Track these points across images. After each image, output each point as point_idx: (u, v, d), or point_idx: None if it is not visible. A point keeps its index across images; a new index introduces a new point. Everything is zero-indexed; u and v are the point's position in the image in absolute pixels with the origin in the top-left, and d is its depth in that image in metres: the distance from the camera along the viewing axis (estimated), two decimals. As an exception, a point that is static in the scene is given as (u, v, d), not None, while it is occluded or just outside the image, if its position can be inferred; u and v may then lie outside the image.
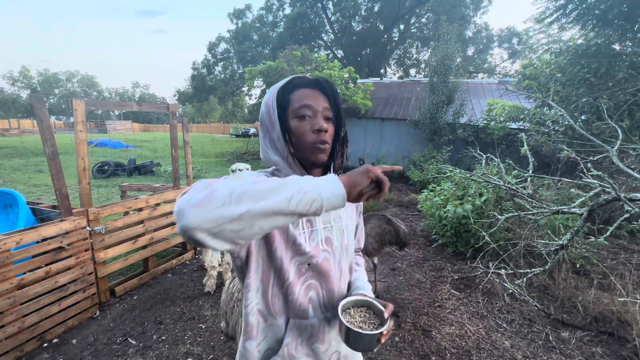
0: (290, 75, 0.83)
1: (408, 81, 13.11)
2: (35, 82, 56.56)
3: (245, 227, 0.52)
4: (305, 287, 0.80)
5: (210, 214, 0.50)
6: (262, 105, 0.81)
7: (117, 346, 2.34)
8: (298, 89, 0.78)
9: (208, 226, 0.50)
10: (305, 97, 0.77)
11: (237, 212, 0.50)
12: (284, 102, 0.77)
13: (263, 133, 0.82)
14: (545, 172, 5.48)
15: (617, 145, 3.43)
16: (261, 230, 0.54)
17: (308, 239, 0.79)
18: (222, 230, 0.51)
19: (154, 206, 3.34)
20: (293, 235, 0.77)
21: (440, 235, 4.29)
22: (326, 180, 0.58)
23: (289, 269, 0.77)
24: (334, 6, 21.81)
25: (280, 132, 0.76)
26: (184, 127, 3.77)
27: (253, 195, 0.52)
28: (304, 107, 0.76)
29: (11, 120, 35.39)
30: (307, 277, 0.80)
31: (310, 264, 0.79)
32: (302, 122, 0.76)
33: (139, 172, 9.76)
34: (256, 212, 0.51)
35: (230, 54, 23.63)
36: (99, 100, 2.94)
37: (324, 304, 0.83)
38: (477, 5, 20.64)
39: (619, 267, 3.11)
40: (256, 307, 0.79)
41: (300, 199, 0.54)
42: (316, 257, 0.80)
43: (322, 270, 0.81)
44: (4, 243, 2.06)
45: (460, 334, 2.52)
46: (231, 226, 0.51)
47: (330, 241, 0.83)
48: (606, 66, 5.10)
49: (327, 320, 0.84)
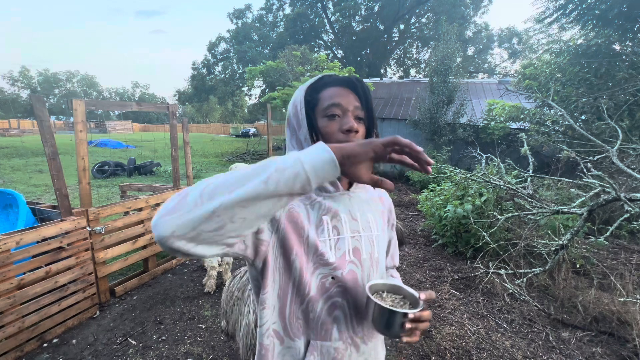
0: (320, 74, 0.79)
1: (408, 81, 13.11)
2: (35, 82, 56.60)
3: (225, 223, 0.47)
4: (329, 304, 0.71)
5: (181, 219, 0.46)
6: (289, 104, 0.78)
7: (117, 346, 2.34)
8: (328, 87, 0.74)
9: (183, 232, 0.46)
10: (335, 96, 0.72)
11: (210, 209, 0.46)
12: (313, 101, 0.74)
13: (290, 133, 0.77)
14: (545, 172, 5.48)
15: (617, 145, 3.43)
16: (245, 222, 0.49)
17: (334, 247, 0.71)
18: (200, 233, 0.47)
19: (154, 206, 3.34)
20: (315, 243, 0.69)
21: (440, 235, 4.29)
22: (310, 148, 0.52)
23: (310, 282, 0.69)
24: (334, 6, 21.83)
25: (307, 131, 0.72)
26: (183, 127, 3.77)
27: (226, 187, 0.48)
28: (333, 106, 0.71)
29: (11, 120, 35.41)
30: (331, 293, 0.71)
31: (334, 277, 0.70)
32: (331, 121, 0.71)
33: (139, 172, 9.75)
34: (230, 204, 0.46)
35: (230, 54, 23.66)
36: (99, 100, 2.94)
37: (352, 326, 0.73)
38: (477, 5, 20.66)
39: (619, 267, 3.11)
40: (272, 328, 0.70)
41: (279, 177, 0.48)
42: (341, 269, 0.71)
43: (348, 286, 0.71)
44: (4, 243, 2.06)
45: (460, 334, 2.51)
46: (207, 226, 0.47)
47: (358, 252, 0.74)
48: (606, 66, 5.10)
49: (355, 346, 0.73)
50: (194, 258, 0.63)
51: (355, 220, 0.76)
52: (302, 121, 0.72)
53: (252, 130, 28.66)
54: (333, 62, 11.45)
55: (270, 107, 10.52)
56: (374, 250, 0.77)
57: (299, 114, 0.73)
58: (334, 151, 0.50)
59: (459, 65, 9.03)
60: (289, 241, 0.68)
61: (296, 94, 0.76)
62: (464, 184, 4.41)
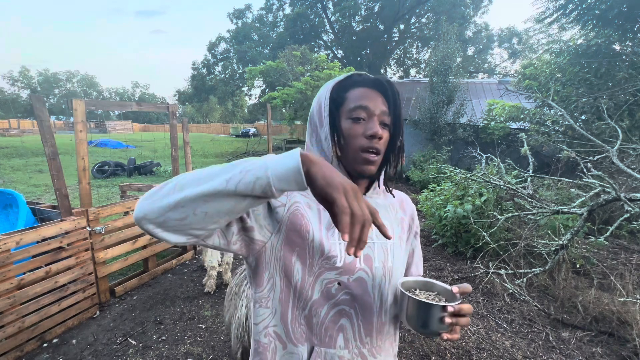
0: (348, 72, 0.75)
1: (408, 81, 13.11)
2: (35, 82, 56.62)
3: (188, 215, 0.49)
4: (335, 311, 0.67)
5: (153, 205, 0.50)
6: (314, 100, 0.75)
7: (117, 346, 2.34)
8: (356, 87, 0.70)
9: (152, 216, 0.50)
10: (363, 97, 0.68)
11: (176, 199, 0.49)
12: (339, 99, 0.70)
13: (310, 130, 0.74)
14: (545, 172, 5.48)
15: (617, 145, 3.43)
16: (207, 216, 0.50)
17: (344, 251, 0.67)
18: (166, 220, 0.50)
19: (154, 206, 3.34)
20: (321, 245, 0.66)
21: (440, 235, 4.29)
22: (282, 154, 0.50)
23: (313, 286, 0.66)
24: (334, 6, 21.82)
25: (329, 131, 0.69)
26: (183, 127, 3.77)
27: (195, 181, 0.50)
28: (359, 108, 0.68)
29: (11, 120, 35.43)
30: (338, 300, 0.67)
31: (340, 283, 0.67)
32: (355, 124, 0.68)
33: (139, 172, 9.76)
34: (193, 197, 0.48)
35: (230, 54, 23.67)
36: (99, 100, 2.94)
37: (360, 337, 0.69)
38: (477, 5, 20.66)
39: (619, 267, 3.11)
40: (272, 329, 0.69)
41: (241, 177, 0.48)
42: (348, 275, 0.67)
43: (356, 294, 0.68)
44: (4, 243, 2.06)
45: (460, 334, 2.51)
46: (173, 214, 0.49)
47: (370, 260, 0.70)
48: (606, 66, 5.10)
49: (362, 358, 0.70)
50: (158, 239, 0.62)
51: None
52: (325, 119, 0.70)
53: (252, 130, 28.67)
54: (333, 62, 11.46)
55: (270, 107, 10.53)
56: (387, 259, 0.73)
57: (322, 111, 0.70)
58: (306, 162, 0.48)
59: (459, 65, 9.04)
60: (291, 243, 0.66)
61: (322, 90, 0.73)
62: (464, 184, 4.41)
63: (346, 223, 0.46)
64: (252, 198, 0.50)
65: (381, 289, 0.71)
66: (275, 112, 13.05)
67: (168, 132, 3.63)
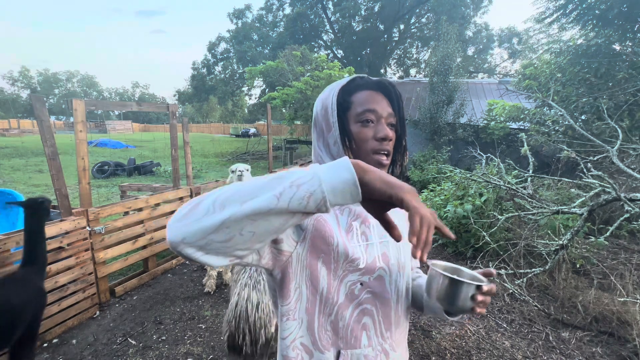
0: (351, 75, 0.75)
1: (408, 81, 13.10)
2: (35, 82, 56.62)
3: (234, 235, 0.45)
4: (359, 311, 0.69)
5: (192, 226, 0.45)
6: (316, 105, 0.75)
7: (117, 346, 2.34)
8: (361, 91, 0.71)
9: (192, 239, 0.45)
10: (370, 101, 0.70)
11: (220, 219, 0.44)
12: (345, 104, 0.71)
13: (317, 134, 0.75)
14: (545, 172, 5.47)
15: (617, 145, 3.43)
16: (254, 236, 0.47)
17: (364, 252, 0.70)
18: (209, 242, 0.45)
19: (153, 206, 3.34)
20: (345, 249, 0.67)
21: (440, 235, 4.28)
22: (331, 164, 0.48)
23: (339, 290, 0.67)
24: (334, 6, 21.82)
25: (339, 135, 0.70)
26: (183, 127, 3.77)
27: (238, 198, 0.46)
28: (368, 112, 0.69)
29: (11, 120, 35.42)
30: (361, 300, 0.70)
31: (362, 283, 0.69)
32: (365, 128, 0.69)
33: (138, 172, 9.76)
34: (240, 216, 0.44)
35: (230, 54, 23.67)
36: (99, 100, 2.95)
37: (381, 333, 0.72)
38: (477, 5, 20.65)
39: (619, 267, 3.11)
40: (299, 341, 0.68)
41: (293, 193, 0.44)
42: (369, 275, 0.70)
43: (377, 292, 0.71)
44: (4, 243, 2.06)
45: (460, 334, 2.52)
46: (217, 237, 0.45)
47: (386, 258, 0.73)
48: (606, 66, 5.10)
49: (385, 353, 0.72)
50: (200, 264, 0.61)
51: None
52: (334, 124, 0.70)
53: (252, 130, 28.67)
54: (333, 62, 11.46)
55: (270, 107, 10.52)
56: (400, 255, 0.76)
57: (329, 116, 0.70)
58: (359, 171, 0.46)
59: (459, 65, 9.04)
60: (316, 250, 0.66)
61: (326, 94, 0.73)
62: (464, 184, 4.42)
63: (416, 225, 0.46)
64: (302, 214, 0.47)
65: (397, 284, 0.74)
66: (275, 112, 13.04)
67: (168, 132, 3.63)
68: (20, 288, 1.69)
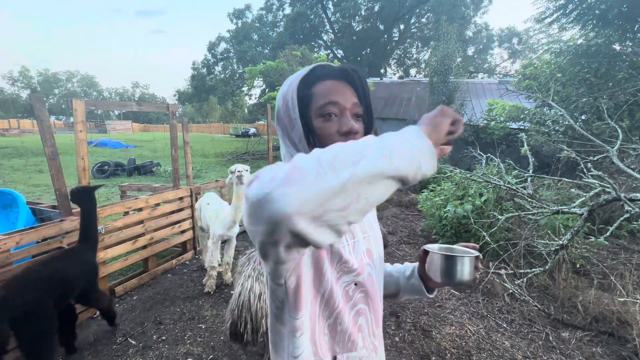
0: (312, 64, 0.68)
1: (408, 81, 13.11)
2: (35, 82, 56.63)
3: (351, 202, 0.39)
4: (355, 313, 0.67)
5: (309, 190, 0.37)
6: (278, 100, 0.68)
7: (117, 346, 2.34)
8: (321, 81, 0.65)
9: (310, 208, 0.37)
10: (331, 92, 0.63)
11: (340, 181, 0.38)
12: (306, 98, 0.64)
13: (281, 132, 0.69)
14: (545, 172, 5.47)
15: (617, 145, 3.43)
16: (367, 204, 0.41)
17: (352, 252, 0.67)
18: (327, 212, 0.38)
19: (153, 206, 3.34)
20: (338, 250, 0.65)
21: (440, 235, 4.29)
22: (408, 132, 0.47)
23: (338, 293, 0.64)
24: (334, 6, 21.83)
25: (302, 132, 0.64)
26: (183, 127, 3.77)
27: (347, 158, 0.40)
28: (329, 105, 0.63)
29: (11, 120, 35.44)
30: (355, 300, 0.67)
31: (357, 284, 0.67)
32: (328, 122, 0.63)
33: (138, 172, 9.76)
34: (360, 177, 0.39)
35: (230, 54, 23.66)
36: (99, 100, 2.95)
37: (372, 331, 0.71)
38: (477, 5, 20.65)
39: (619, 267, 3.11)
40: (306, 357, 0.62)
41: (397, 152, 0.42)
42: (362, 274, 0.68)
43: (369, 290, 0.69)
44: (4, 243, 2.06)
45: (460, 334, 2.51)
46: (336, 203, 0.38)
47: (370, 253, 0.72)
48: (606, 66, 5.10)
49: (374, 351, 0.72)
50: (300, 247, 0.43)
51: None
52: (296, 121, 0.64)
53: (252, 130, 28.67)
54: (333, 62, 11.45)
55: (270, 107, 10.53)
56: (379, 248, 0.76)
57: (291, 112, 0.64)
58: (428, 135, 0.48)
59: (459, 65, 9.05)
60: (319, 252, 0.62)
61: (286, 87, 0.66)
62: (464, 184, 4.41)
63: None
64: (402, 180, 0.44)
65: (379, 278, 0.74)
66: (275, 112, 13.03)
67: (168, 132, 3.63)
68: (75, 260, 2.13)
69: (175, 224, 3.58)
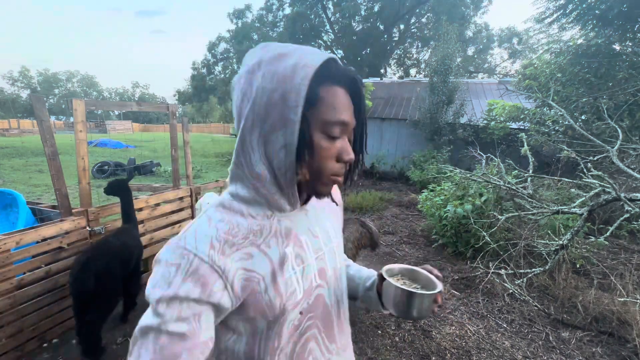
0: (323, 52, 0.54)
1: (408, 81, 13.11)
2: (35, 82, 56.64)
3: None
4: (303, 341, 0.62)
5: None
6: (262, 77, 0.51)
7: (117, 346, 2.34)
8: (332, 85, 0.53)
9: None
10: (343, 108, 0.53)
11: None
12: (310, 98, 0.50)
13: (251, 123, 0.52)
14: (545, 172, 5.47)
15: (617, 145, 3.43)
16: None
17: (301, 280, 0.60)
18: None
19: (153, 206, 3.34)
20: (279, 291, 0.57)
21: (440, 235, 4.29)
22: None
23: (281, 332, 0.59)
24: (334, 6, 21.82)
25: (295, 142, 0.51)
26: (183, 127, 3.77)
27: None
28: (339, 124, 0.53)
29: (11, 120, 35.43)
30: (302, 329, 0.62)
31: (302, 312, 0.61)
32: (330, 143, 0.54)
33: (138, 172, 9.76)
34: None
35: (230, 54, 23.66)
36: (99, 100, 2.95)
37: (326, 348, 0.67)
38: (477, 5, 20.63)
39: (619, 267, 3.11)
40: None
41: None
42: (307, 299, 0.61)
43: (318, 312, 0.64)
44: (4, 243, 2.06)
45: (460, 334, 2.51)
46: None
47: (324, 272, 0.65)
48: (606, 66, 5.10)
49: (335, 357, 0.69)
50: None
51: (316, 237, 0.66)
52: (293, 124, 0.50)
53: (252, 130, 28.61)
54: (333, 62, 11.45)
55: (270, 107, 10.54)
56: (336, 262, 0.70)
57: (289, 110, 0.49)
58: None
59: (459, 65, 9.04)
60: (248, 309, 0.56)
61: (289, 71, 0.49)
62: (464, 184, 4.41)
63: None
64: None
65: (335, 293, 0.69)
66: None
67: (168, 132, 3.63)
68: (129, 235, 2.55)
69: (176, 224, 3.58)
